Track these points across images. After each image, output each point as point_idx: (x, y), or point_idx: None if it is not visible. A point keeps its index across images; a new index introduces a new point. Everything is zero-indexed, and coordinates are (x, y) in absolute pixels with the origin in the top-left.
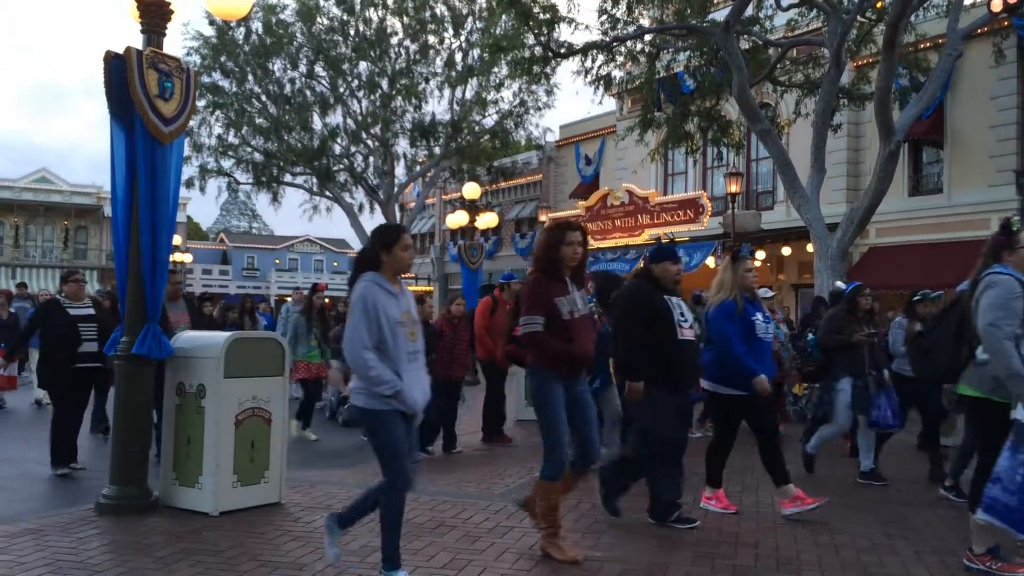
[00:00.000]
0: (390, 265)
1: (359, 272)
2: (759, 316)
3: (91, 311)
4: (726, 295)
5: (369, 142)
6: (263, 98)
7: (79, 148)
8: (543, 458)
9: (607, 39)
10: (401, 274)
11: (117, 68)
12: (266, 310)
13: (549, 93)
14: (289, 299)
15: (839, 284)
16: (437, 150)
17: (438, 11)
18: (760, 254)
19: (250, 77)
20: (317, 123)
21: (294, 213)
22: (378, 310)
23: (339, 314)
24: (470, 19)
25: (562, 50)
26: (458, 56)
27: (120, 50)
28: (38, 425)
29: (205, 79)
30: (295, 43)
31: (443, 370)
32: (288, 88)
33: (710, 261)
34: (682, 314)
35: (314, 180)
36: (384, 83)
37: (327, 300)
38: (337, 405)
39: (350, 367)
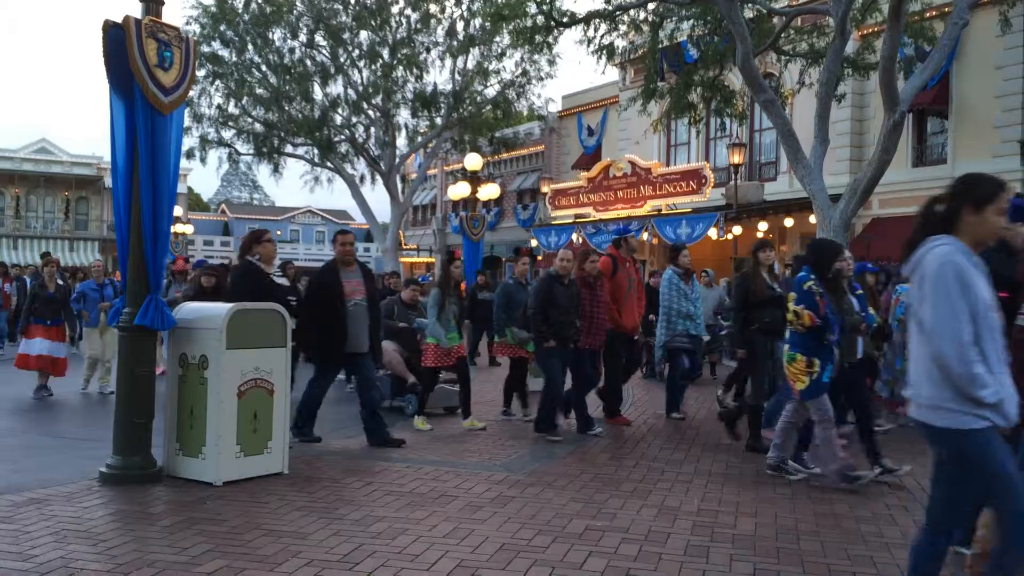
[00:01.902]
0: (976, 229)
1: (924, 234)
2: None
3: (287, 282)
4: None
5: (370, 112)
6: (263, 68)
7: (79, 118)
8: None
9: (610, 8)
10: (984, 246)
11: (115, 37)
12: None
13: (551, 63)
14: None
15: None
16: (439, 121)
17: None
18: (762, 225)
19: (250, 47)
20: (318, 93)
21: (295, 184)
22: (972, 290)
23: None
24: None
25: (564, 19)
26: (460, 25)
27: (119, 19)
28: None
29: (204, 48)
30: (295, 12)
31: (583, 339)
32: (288, 58)
33: (712, 232)
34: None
35: (315, 151)
36: (385, 53)
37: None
38: (394, 394)
39: (946, 367)
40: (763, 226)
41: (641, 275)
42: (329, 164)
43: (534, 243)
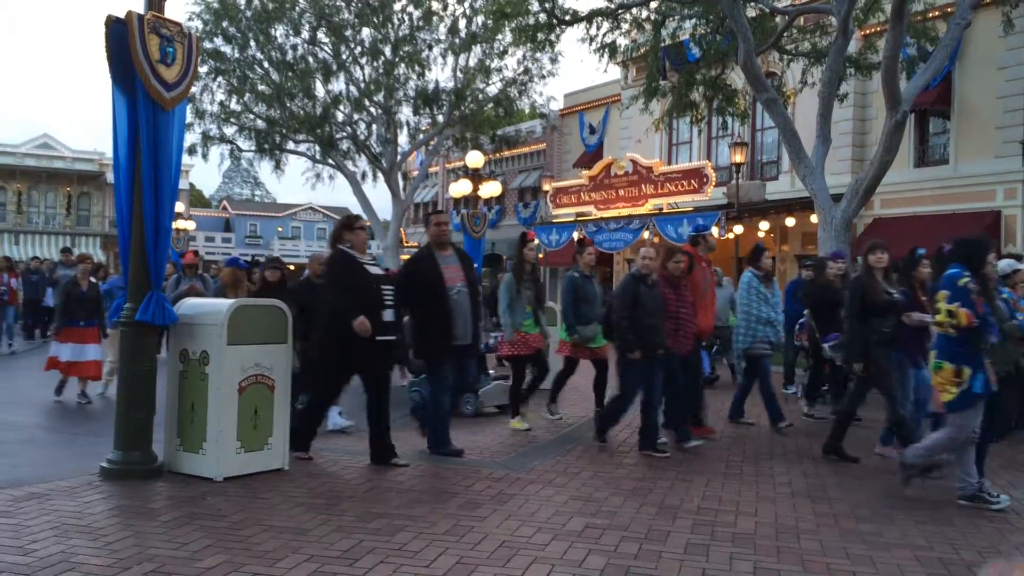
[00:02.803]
0: None
1: None
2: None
3: (381, 271)
4: None
5: (372, 110)
6: (265, 64)
7: (81, 114)
8: None
9: (612, 6)
10: None
11: (118, 33)
12: None
13: (553, 61)
14: None
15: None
16: (440, 118)
17: None
18: (764, 224)
19: (252, 43)
20: (320, 90)
21: (297, 181)
22: None
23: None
24: None
25: (567, 17)
26: (462, 23)
27: (121, 14)
28: (43, 391)
29: (207, 45)
30: (297, 8)
31: (670, 342)
32: (290, 54)
33: (713, 232)
34: None
35: (317, 148)
36: (387, 50)
37: (290, 266)
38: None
39: None
40: (764, 225)
41: (716, 276)
42: (330, 161)
43: (535, 241)
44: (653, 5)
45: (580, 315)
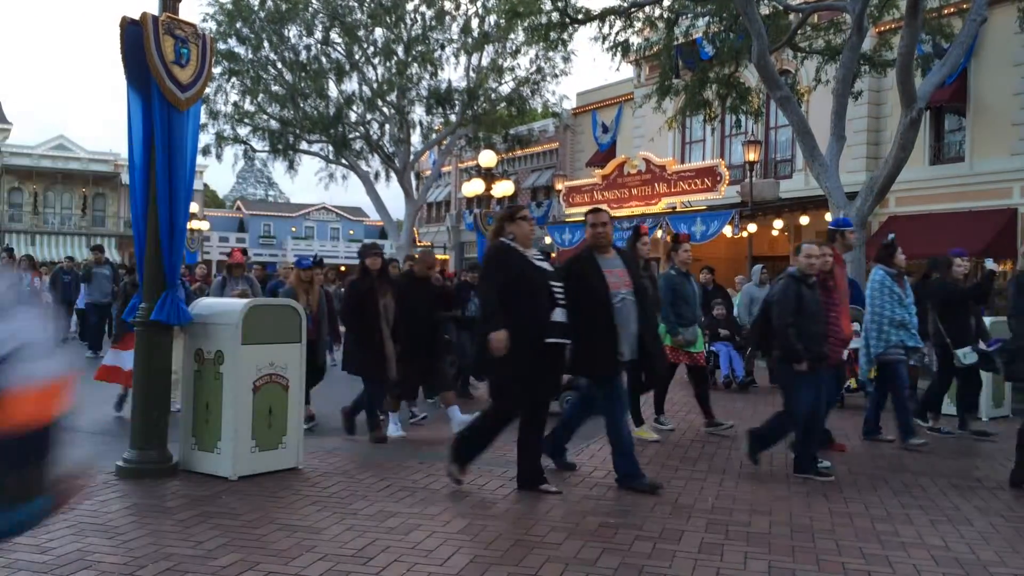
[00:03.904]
0: None
1: None
2: None
3: (550, 266)
4: None
5: (385, 110)
6: (279, 65)
7: (96, 115)
8: None
9: (625, 4)
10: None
11: (133, 34)
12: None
13: (566, 60)
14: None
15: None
16: (453, 118)
17: None
18: (777, 223)
19: (266, 44)
20: (333, 90)
21: (310, 181)
22: None
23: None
24: None
25: (579, 16)
26: (474, 22)
27: (136, 16)
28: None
29: (221, 46)
30: (310, 9)
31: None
32: (304, 55)
33: (727, 230)
34: None
35: (330, 148)
36: (400, 50)
37: (341, 267)
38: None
39: None
40: (778, 224)
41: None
42: (344, 161)
43: (548, 240)
44: (666, 3)
45: (680, 316)
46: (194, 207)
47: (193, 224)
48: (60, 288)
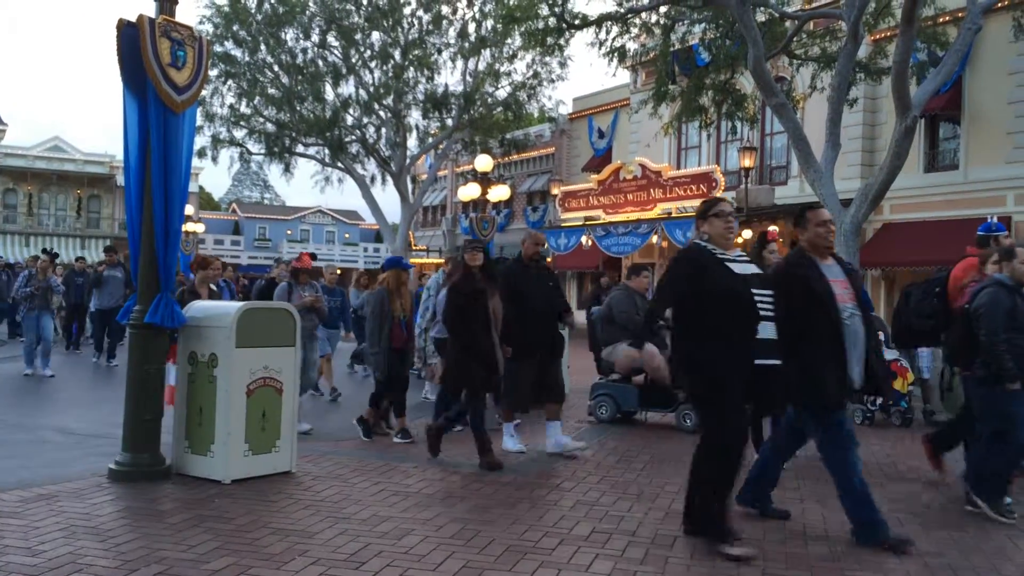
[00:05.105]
0: None
1: None
2: None
3: (755, 269)
4: None
5: (381, 113)
6: (275, 68)
7: (92, 117)
8: None
9: (622, 10)
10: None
11: (129, 36)
12: None
13: (563, 65)
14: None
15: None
16: (449, 122)
17: None
18: (772, 229)
19: (262, 47)
20: (329, 94)
21: (306, 184)
22: None
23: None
24: None
25: (576, 21)
26: (471, 27)
27: (133, 18)
28: (48, 391)
29: (217, 48)
30: (307, 12)
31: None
32: (300, 58)
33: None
34: None
35: (326, 151)
36: (397, 54)
37: (338, 270)
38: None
39: None
40: (773, 230)
41: None
42: (340, 164)
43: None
44: (663, 9)
45: None
46: (189, 209)
47: (188, 226)
48: (73, 290)
